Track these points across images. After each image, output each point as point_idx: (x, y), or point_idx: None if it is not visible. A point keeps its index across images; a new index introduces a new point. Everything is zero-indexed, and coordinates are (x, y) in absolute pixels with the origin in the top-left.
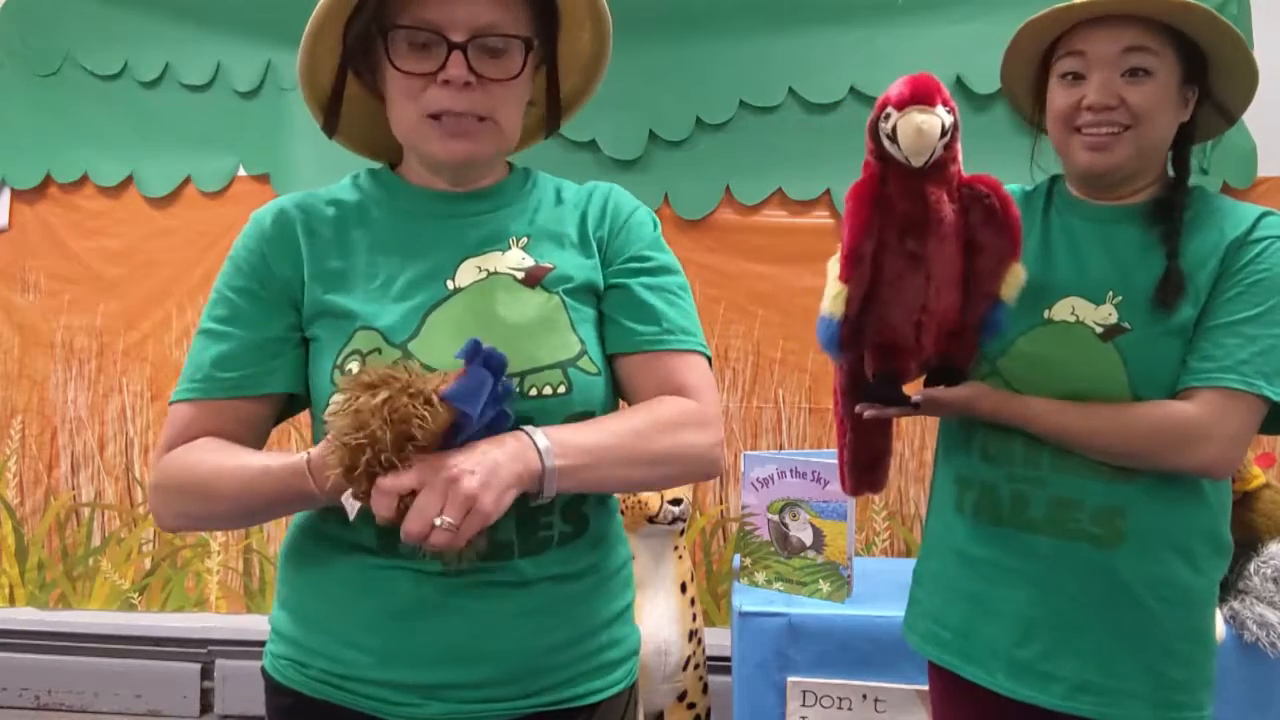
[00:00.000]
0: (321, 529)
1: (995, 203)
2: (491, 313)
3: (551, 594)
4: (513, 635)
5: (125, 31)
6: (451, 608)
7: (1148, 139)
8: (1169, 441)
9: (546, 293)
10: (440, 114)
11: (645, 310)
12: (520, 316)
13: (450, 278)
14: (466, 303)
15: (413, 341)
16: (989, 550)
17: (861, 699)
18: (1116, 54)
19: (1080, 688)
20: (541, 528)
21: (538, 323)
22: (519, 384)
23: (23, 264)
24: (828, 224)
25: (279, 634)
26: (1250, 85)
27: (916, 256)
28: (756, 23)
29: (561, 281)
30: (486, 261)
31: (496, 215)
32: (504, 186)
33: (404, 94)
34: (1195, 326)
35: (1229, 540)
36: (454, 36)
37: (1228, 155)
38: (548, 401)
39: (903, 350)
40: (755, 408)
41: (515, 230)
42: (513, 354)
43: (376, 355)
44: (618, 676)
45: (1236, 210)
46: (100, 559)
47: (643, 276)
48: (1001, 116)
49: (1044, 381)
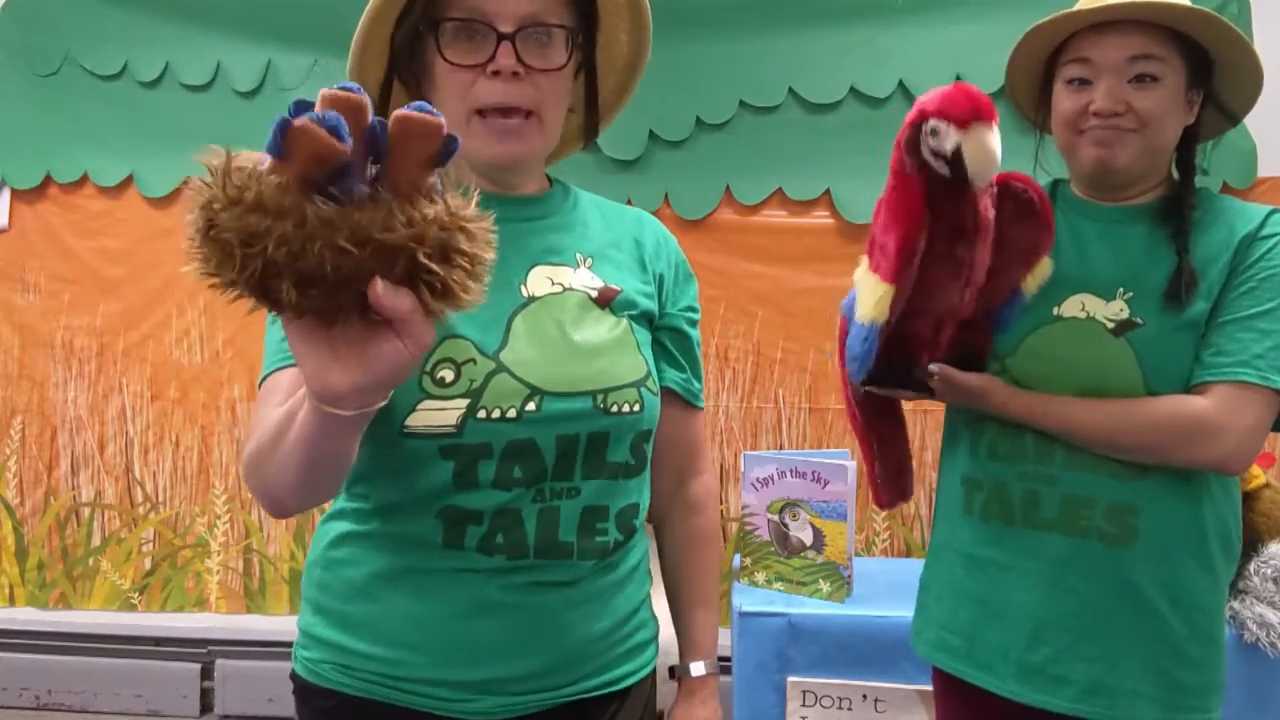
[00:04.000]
0: (367, 530)
1: (1034, 198)
2: (573, 328)
3: (598, 586)
4: (563, 628)
5: (125, 31)
6: (509, 605)
7: (1154, 143)
8: (1184, 436)
9: (614, 315)
10: (487, 109)
11: (695, 364)
12: (599, 335)
13: (523, 283)
14: (547, 313)
15: (504, 352)
16: (998, 551)
17: (861, 699)
18: (1123, 61)
19: (1091, 691)
20: (598, 533)
21: (614, 343)
22: (603, 400)
23: (23, 264)
24: (828, 224)
25: (315, 639)
26: (1255, 88)
27: (961, 262)
28: (756, 23)
29: (627, 306)
30: (558, 275)
31: (549, 225)
32: (550, 197)
33: (452, 91)
34: (1208, 322)
35: (1239, 542)
36: (502, 27)
37: (1228, 155)
38: (625, 419)
39: (919, 345)
40: (755, 408)
41: (578, 247)
42: (596, 371)
43: (472, 366)
44: (648, 657)
45: (1245, 209)
46: (100, 559)
47: (695, 330)
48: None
49: (1056, 377)
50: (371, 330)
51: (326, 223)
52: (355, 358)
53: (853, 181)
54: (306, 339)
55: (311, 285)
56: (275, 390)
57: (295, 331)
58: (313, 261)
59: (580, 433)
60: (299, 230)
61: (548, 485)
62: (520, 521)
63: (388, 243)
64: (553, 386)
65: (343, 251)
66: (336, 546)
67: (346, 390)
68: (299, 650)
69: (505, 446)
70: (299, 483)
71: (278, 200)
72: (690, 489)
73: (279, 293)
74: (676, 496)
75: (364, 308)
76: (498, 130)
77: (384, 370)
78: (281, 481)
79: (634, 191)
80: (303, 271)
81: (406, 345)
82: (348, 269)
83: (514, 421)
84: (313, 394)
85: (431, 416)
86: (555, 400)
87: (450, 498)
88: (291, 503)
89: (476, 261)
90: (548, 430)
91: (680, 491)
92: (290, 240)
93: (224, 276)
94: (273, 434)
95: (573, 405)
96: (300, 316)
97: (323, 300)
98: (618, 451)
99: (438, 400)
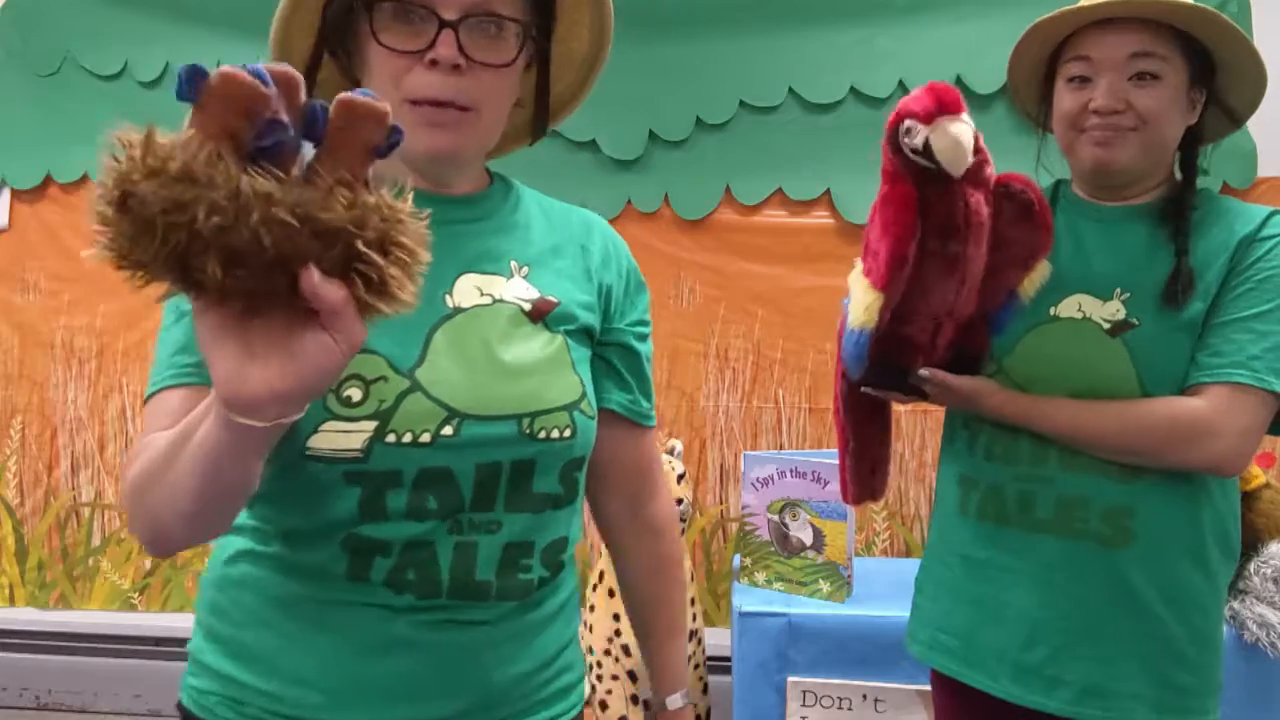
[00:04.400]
0: (268, 552)
1: (1032, 200)
2: (500, 345)
3: (520, 625)
4: (478, 669)
5: (125, 31)
6: (419, 644)
7: (1154, 141)
8: (1178, 437)
9: (549, 331)
10: (422, 101)
11: (644, 382)
12: (529, 353)
13: (448, 293)
14: (471, 328)
15: (420, 369)
16: (994, 552)
17: (861, 699)
18: (1123, 59)
19: (1087, 692)
20: (521, 570)
21: (546, 361)
22: (529, 424)
23: (23, 264)
24: (828, 224)
25: (204, 667)
26: (1259, 88)
27: (955, 259)
28: (756, 23)
29: (565, 320)
30: (489, 285)
31: (485, 228)
32: (489, 196)
33: (386, 76)
34: (1204, 323)
35: (1238, 543)
36: (446, 14)
37: (1228, 155)
38: (555, 445)
39: (916, 348)
40: (755, 408)
41: (514, 253)
42: (523, 392)
43: (383, 384)
44: (574, 700)
45: (1246, 210)
46: (100, 559)
47: (645, 344)
48: (1002, 116)
49: (1051, 377)
50: (296, 325)
51: (264, 195)
52: (276, 356)
53: (853, 181)
54: (221, 333)
55: (240, 264)
56: (165, 411)
57: (210, 323)
58: (245, 236)
59: (503, 460)
60: (232, 201)
61: (465, 517)
62: (434, 557)
63: (328, 224)
64: (473, 409)
65: (282, 226)
66: (234, 564)
67: (264, 394)
68: (187, 678)
69: (417, 474)
70: (192, 512)
71: (208, 170)
72: (648, 513)
73: (201, 271)
74: (635, 523)
75: (292, 297)
76: (428, 121)
77: (310, 370)
78: (171, 510)
79: (634, 191)
80: (233, 247)
81: (338, 342)
82: (283, 248)
83: (427, 446)
84: (223, 400)
85: (335, 439)
86: (475, 424)
87: (355, 527)
88: (180, 535)
89: (415, 259)
90: (466, 457)
91: (638, 517)
92: (222, 211)
93: (137, 255)
94: (163, 456)
95: (495, 430)
96: (222, 301)
97: (251, 282)
98: (545, 481)
99: (342, 421)
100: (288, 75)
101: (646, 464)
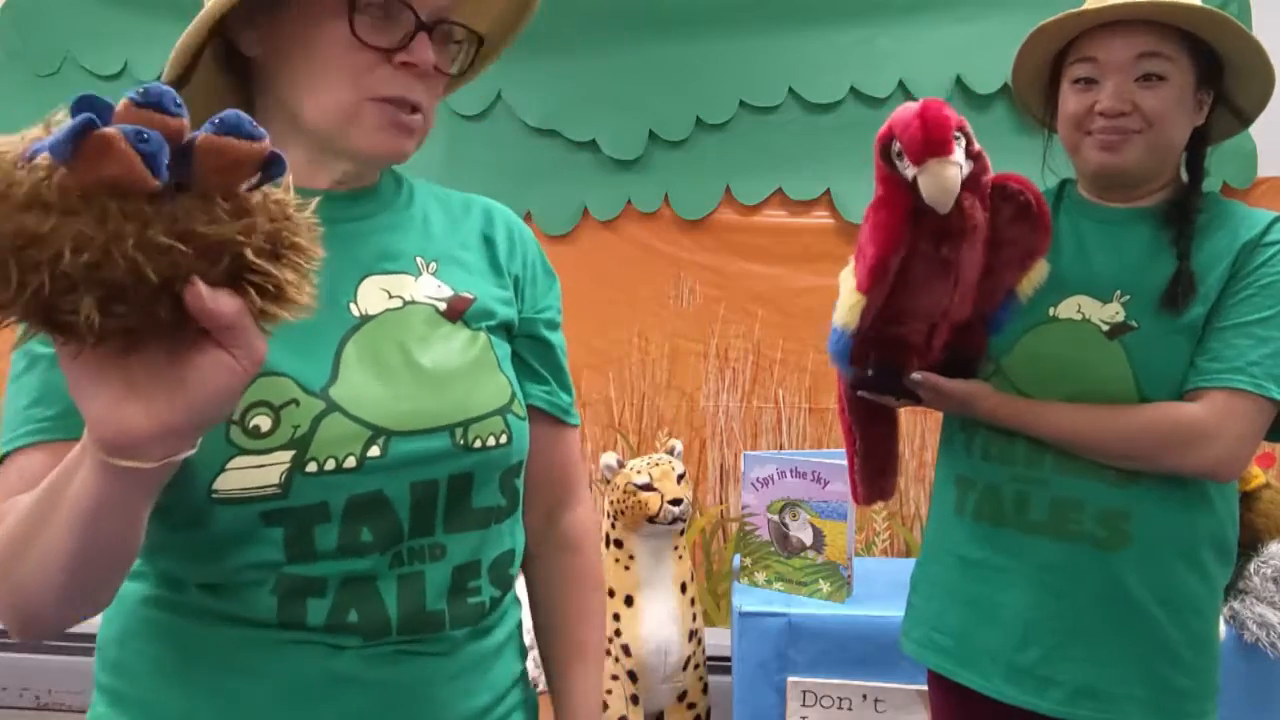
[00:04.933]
0: (178, 600)
1: (1030, 200)
2: (419, 350)
3: (474, 654)
4: (435, 705)
5: (125, 31)
6: (369, 680)
7: (1160, 143)
8: (1174, 442)
9: (469, 329)
10: (389, 100)
11: (561, 375)
12: (452, 356)
13: (352, 300)
14: (386, 334)
15: (334, 387)
16: (989, 552)
17: (861, 699)
18: (1130, 60)
19: (1080, 693)
20: (470, 593)
21: (471, 363)
22: (463, 435)
23: None
24: (828, 224)
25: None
26: (1267, 87)
27: (949, 262)
28: (756, 23)
29: (484, 317)
30: (396, 286)
31: (380, 224)
32: (378, 191)
33: (345, 69)
34: (1204, 327)
35: (1235, 547)
36: (423, 13)
37: (1228, 155)
38: (492, 454)
39: (912, 350)
40: (755, 408)
41: (419, 250)
42: (453, 400)
43: (294, 408)
44: None
45: (1250, 215)
46: None
47: (557, 334)
48: (1002, 116)
49: (1049, 379)
50: (182, 349)
51: (135, 216)
52: (162, 387)
53: (853, 181)
54: (97, 375)
55: (118, 299)
56: (22, 475)
57: (83, 367)
58: (122, 268)
59: (439, 477)
60: (100, 227)
61: (405, 546)
62: (376, 593)
63: (213, 237)
64: (399, 424)
65: (162, 251)
66: (137, 613)
67: (151, 429)
68: None
69: (346, 504)
70: (68, 583)
71: (65, 194)
72: (563, 525)
73: (71, 313)
74: (549, 534)
75: (176, 319)
76: (392, 122)
77: (206, 395)
78: (42, 583)
79: (634, 191)
80: (108, 282)
81: (238, 359)
82: (166, 274)
83: (354, 472)
84: (101, 443)
85: (246, 476)
86: (404, 440)
87: (281, 569)
88: (53, 613)
89: (309, 257)
90: (399, 478)
91: (553, 528)
92: (89, 243)
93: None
94: (25, 523)
95: (427, 445)
96: (101, 343)
97: (133, 318)
98: (485, 494)
99: (253, 456)
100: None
101: (567, 466)
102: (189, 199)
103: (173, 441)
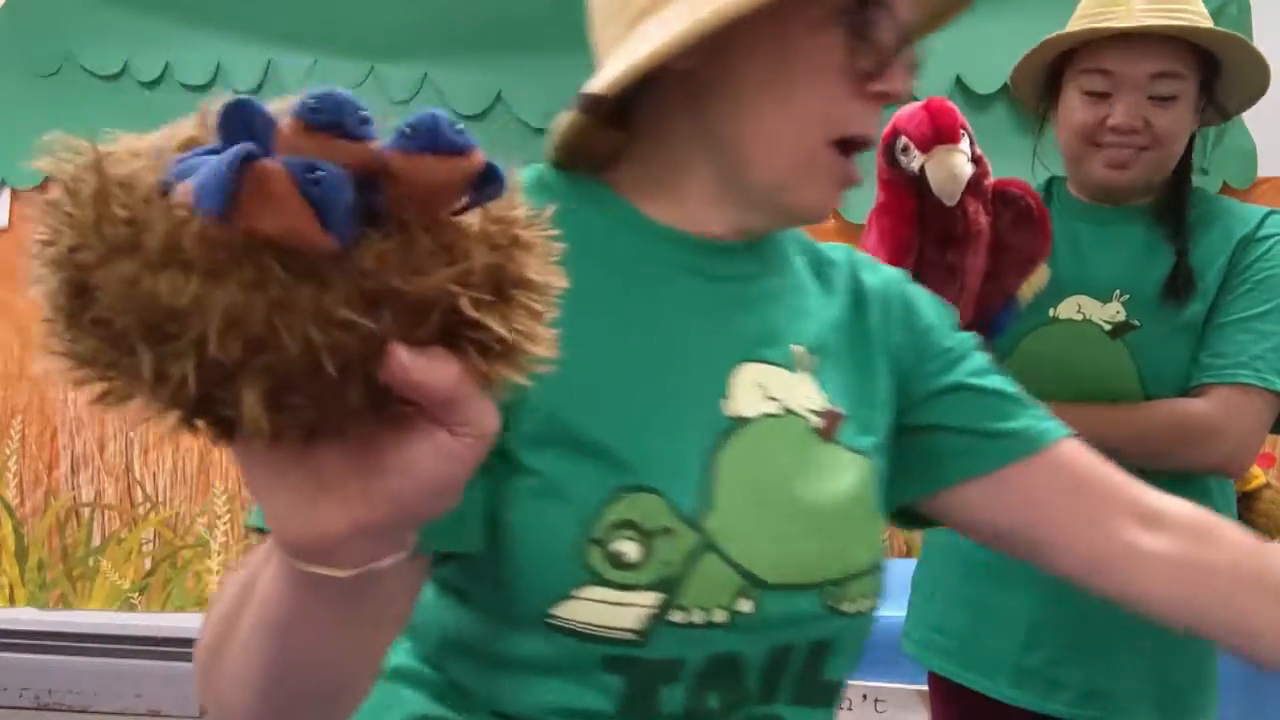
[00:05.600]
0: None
1: (1031, 206)
2: (799, 477)
3: None
4: None
5: (125, 31)
6: None
7: (1166, 160)
8: (1182, 439)
9: (848, 452)
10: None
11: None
12: (832, 492)
13: (723, 395)
14: (764, 451)
15: (711, 517)
16: (992, 554)
17: (861, 699)
18: (1145, 78)
19: (1087, 695)
20: None
21: (851, 502)
22: (835, 596)
23: (23, 264)
24: (828, 224)
25: None
26: (1259, 92)
27: (954, 269)
28: None
29: (864, 432)
30: (774, 382)
31: (763, 291)
32: (761, 242)
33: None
34: (1205, 324)
35: None
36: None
37: (1228, 155)
38: (858, 621)
39: None
40: None
41: (793, 331)
42: (828, 552)
43: (667, 538)
44: None
45: (1242, 210)
46: (100, 559)
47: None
48: (1002, 117)
49: (1053, 380)
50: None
51: (309, 276)
52: (358, 478)
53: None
54: (275, 474)
55: (292, 390)
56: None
57: (255, 466)
58: (292, 351)
59: (798, 643)
60: (259, 295)
61: (744, 714)
62: None
63: (414, 295)
64: (774, 576)
65: (346, 326)
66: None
67: (347, 531)
68: None
69: (704, 664)
70: (261, 708)
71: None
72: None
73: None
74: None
75: (372, 398)
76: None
77: (420, 486)
78: (239, 699)
79: None
80: (276, 370)
81: (459, 436)
82: (354, 355)
83: (722, 628)
84: (285, 546)
85: (600, 612)
86: (776, 596)
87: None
88: None
89: (546, 293)
90: (760, 640)
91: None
92: (245, 318)
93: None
94: (225, 613)
95: (796, 604)
96: (271, 443)
97: (313, 410)
98: (837, 666)
99: (613, 590)
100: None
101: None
102: (380, 242)
103: (373, 545)
